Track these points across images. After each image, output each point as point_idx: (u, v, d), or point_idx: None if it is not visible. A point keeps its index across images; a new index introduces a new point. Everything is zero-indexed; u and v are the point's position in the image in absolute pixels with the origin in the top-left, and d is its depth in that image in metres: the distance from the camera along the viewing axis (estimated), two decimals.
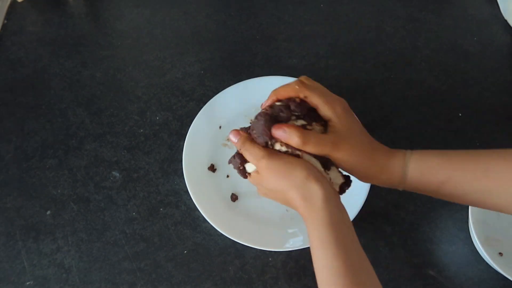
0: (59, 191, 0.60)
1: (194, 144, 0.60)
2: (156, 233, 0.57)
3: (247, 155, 0.42)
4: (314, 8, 0.77)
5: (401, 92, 0.68)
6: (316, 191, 0.39)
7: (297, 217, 0.58)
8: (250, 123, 0.44)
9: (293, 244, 0.54)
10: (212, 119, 0.63)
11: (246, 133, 0.43)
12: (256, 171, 0.43)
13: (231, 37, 0.74)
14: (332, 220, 0.38)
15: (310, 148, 0.40)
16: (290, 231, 0.56)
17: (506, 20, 0.75)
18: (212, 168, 0.60)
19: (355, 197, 0.55)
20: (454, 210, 0.59)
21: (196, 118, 0.62)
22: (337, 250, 0.37)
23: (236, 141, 0.44)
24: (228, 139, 0.56)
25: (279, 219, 0.58)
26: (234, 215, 0.57)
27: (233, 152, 0.66)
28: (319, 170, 0.41)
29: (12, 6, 0.76)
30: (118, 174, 0.61)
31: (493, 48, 0.73)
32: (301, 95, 0.42)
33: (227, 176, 0.60)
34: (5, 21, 0.74)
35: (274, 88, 0.44)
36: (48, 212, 0.58)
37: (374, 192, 0.58)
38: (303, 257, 0.56)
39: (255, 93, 0.64)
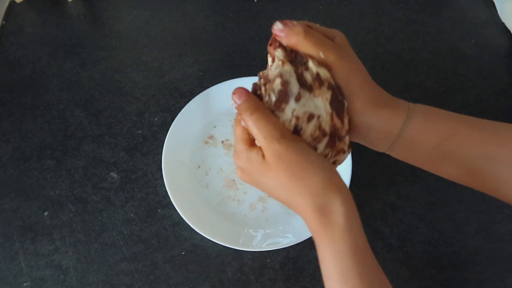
0: (56, 192, 0.60)
1: (176, 145, 0.61)
2: (154, 234, 0.57)
3: (253, 130, 0.33)
4: (312, 10, 0.77)
5: (399, 94, 0.66)
6: (337, 206, 0.31)
7: (272, 219, 0.57)
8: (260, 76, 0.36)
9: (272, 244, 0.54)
10: (195, 118, 0.63)
11: (257, 96, 0.34)
12: (259, 153, 0.33)
13: (230, 38, 0.74)
14: (357, 246, 0.31)
15: (311, 46, 0.34)
16: (267, 231, 0.56)
17: (503, 23, 0.75)
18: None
19: None
20: (452, 212, 0.59)
21: (176, 119, 0.62)
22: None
23: (240, 103, 0.33)
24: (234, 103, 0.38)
25: (254, 220, 0.58)
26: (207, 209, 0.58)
27: (217, 151, 0.65)
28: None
29: (11, 7, 0.76)
30: (116, 175, 0.61)
31: (491, 50, 0.73)
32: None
33: (206, 174, 0.61)
34: (4, 22, 0.74)
35: None
36: (46, 213, 0.58)
37: (372, 194, 0.58)
38: (301, 258, 0.56)
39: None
